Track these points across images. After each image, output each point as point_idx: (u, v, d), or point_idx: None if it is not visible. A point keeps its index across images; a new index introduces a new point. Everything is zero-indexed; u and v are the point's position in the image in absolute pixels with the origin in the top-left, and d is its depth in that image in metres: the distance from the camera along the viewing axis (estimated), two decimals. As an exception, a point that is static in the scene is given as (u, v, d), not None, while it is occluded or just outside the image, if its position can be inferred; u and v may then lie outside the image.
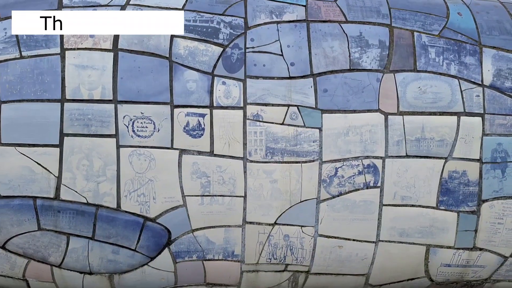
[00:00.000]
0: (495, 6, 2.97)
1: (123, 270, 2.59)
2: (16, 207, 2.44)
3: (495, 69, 2.72)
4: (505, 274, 2.89)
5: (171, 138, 2.47)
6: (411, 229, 2.67)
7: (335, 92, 2.58)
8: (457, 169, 2.65)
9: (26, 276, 2.61)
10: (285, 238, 2.62)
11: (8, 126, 2.41)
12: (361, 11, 2.76)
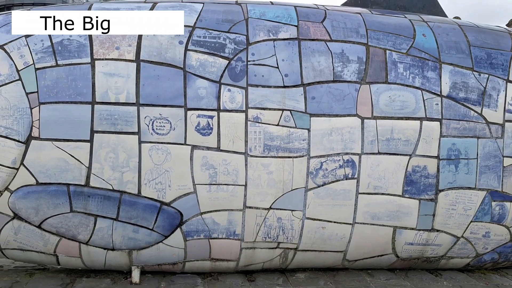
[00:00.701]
0: (453, 28, 3.54)
1: (141, 246, 3.05)
2: (52, 192, 2.86)
3: (451, 82, 3.29)
4: (457, 252, 3.47)
5: (184, 136, 2.94)
6: (381, 213, 3.21)
7: (321, 99, 3.09)
8: (419, 164, 3.22)
9: (57, 252, 3.04)
10: (278, 220, 3.12)
11: (46, 124, 2.83)
12: (343, 31, 3.28)
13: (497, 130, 3.31)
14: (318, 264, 3.42)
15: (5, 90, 2.81)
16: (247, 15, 3.21)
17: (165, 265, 3.18)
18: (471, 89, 3.30)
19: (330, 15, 3.35)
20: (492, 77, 3.35)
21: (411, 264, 3.51)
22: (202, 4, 3.25)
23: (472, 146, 3.26)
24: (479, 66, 3.36)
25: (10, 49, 2.88)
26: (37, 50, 2.89)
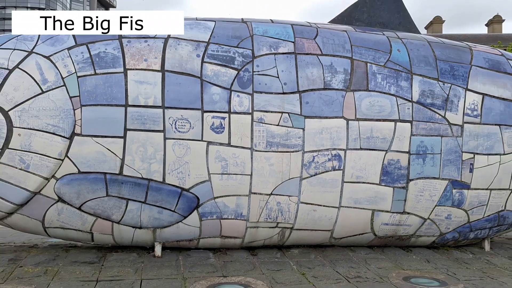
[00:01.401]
0: (423, 44, 4.22)
1: (164, 225, 3.64)
2: (92, 179, 3.43)
3: (420, 90, 3.97)
4: (425, 231, 4.17)
5: (201, 133, 3.53)
6: (362, 199, 3.87)
7: (314, 104, 3.73)
8: (393, 158, 3.89)
9: (93, 230, 3.62)
10: (277, 204, 3.75)
11: (87, 122, 3.40)
12: (332, 47, 3.92)
13: (457, 130, 4.00)
14: (309, 241, 4.07)
15: (52, 94, 3.36)
16: (252, 32, 3.83)
17: (182, 241, 3.79)
18: (437, 96, 3.98)
19: (321, 33, 3.99)
20: (454, 86, 4.04)
21: (387, 241, 4.20)
22: (214, 22, 3.85)
23: (437, 143, 3.95)
24: (443, 77, 4.05)
25: (55, 59, 3.43)
26: (78, 61, 3.45)
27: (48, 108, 3.35)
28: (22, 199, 3.40)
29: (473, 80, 4.12)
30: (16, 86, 3.34)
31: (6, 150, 3.30)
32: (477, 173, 4.05)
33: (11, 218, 3.53)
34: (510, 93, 4.21)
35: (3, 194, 3.37)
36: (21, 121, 3.32)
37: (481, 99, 4.08)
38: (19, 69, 3.38)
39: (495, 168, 4.09)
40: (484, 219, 4.22)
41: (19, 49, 3.47)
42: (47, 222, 3.55)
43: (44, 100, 3.35)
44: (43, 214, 3.49)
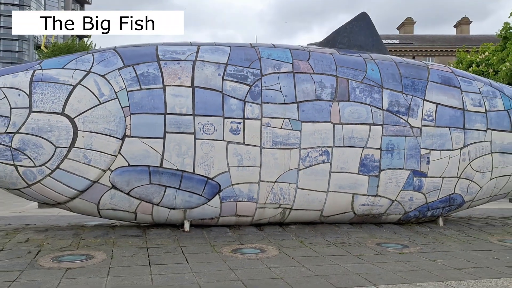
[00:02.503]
0: (391, 64, 5.36)
1: (192, 206, 4.66)
2: (139, 171, 4.41)
3: (389, 101, 5.11)
4: (393, 210, 5.32)
5: (222, 135, 4.56)
6: (345, 185, 4.98)
7: (308, 111, 4.81)
8: (369, 153, 5.01)
9: (137, 211, 4.60)
10: (280, 189, 4.82)
11: (135, 127, 4.37)
12: (321, 67, 5.01)
13: (417, 131, 5.16)
14: (304, 219, 5.16)
15: (108, 105, 4.33)
16: (259, 55, 4.88)
17: (206, 219, 4.81)
18: (401, 105, 5.13)
19: (313, 55, 5.08)
20: (414, 97, 5.20)
21: (364, 219, 5.33)
22: (230, 47, 4.88)
23: (402, 141, 5.10)
24: (406, 90, 5.20)
25: (109, 78, 4.40)
26: (127, 79, 4.43)
27: (105, 116, 4.32)
28: (84, 187, 4.36)
29: (429, 92, 5.29)
30: (79, 98, 4.30)
31: (72, 148, 4.25)
32: (432, 165, 5.23)
33: (72, 202, 4.48)
34: (458, 102, 5.40)
35: (69, 182, 4.32)
36: (84, 126, 4.28)
37: (435, 107, 5.26)
38: (81, 85, 4.34)
39: (446, 160, 5.27)
40: (438, 200, 5.41)
41: (79, 69, 4.41)
42: (101, 205, 4.51)
43: (101, 110, 4.32)
44: (99, 198, 4.46)
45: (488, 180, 5.61)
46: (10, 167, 4.21)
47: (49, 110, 4.23)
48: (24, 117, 4.19)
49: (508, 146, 5.62)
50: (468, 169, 5.41)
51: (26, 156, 4.19)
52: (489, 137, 5.50)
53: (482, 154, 5.47)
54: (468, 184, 5.49)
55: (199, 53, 4.74)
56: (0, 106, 4.17)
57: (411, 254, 4.21)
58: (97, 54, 4.60)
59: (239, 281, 3.17)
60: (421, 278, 3.37)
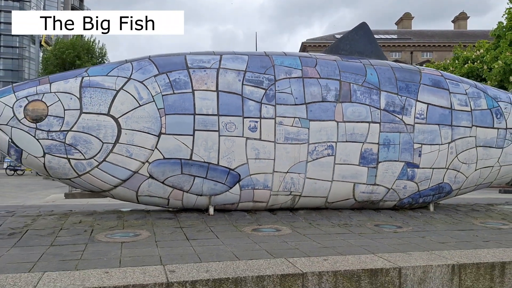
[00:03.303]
0: (388, 69, 6.11)
1: (216, 193, 5.42)
2: (172, 163, 5.17)
3: (386, 101, 5.86)
4: (389, 197, 6.09)
5: (242, 132, 5.31)
6: (347, 175, 5.75)
7: (315, 111, 5.56)
8: (368, 147, 5.77)
9: (169, 197, 5.36)
10: (291, 179, 5.58)
11: (169, 125, 5.12)
12: (327, 72, 5.76)
13: (410, 128, 5.92)
14: (311, 205, 5.92)
15: (146, 107, 5.08)
16: (273, 63, 5.62)
17: (227, 204, 5.58)
18: (396, 105, 5.89)
19: (319, 62, 5.82)
20: (408, 99, 5.96)
21: (363, 205, 6.10)
22: (247, 56, 5.62)
23: (397, 137, 5.86)
24: (401, 92, 5.95)
25: (147, 83, 5.14)
26: (162, 84, 5.17)
27: (144, 116, 5.07)
28: (126, 176, 5.12)
29: (421, 94, 6.05)
30: (122, 101, 5.04)
31: (117, 144, 5.01)
32: (424, 157, 5.99)
33: (115, 190, 5.24)
34: (446, 102, 6.16)
35: (113, 173, 5.07)
36: (126, 124, 5.03)
37: (426, 107, 6.02)
38: (123, 90, 5.08)
39: (436, 153, 6.04)
40: (429, 188, 6.18)
41: (121, 76, 5.16)
42: (140, 192, 5.27)
43: (141, 111, 5.07)
44: (138, 186, 5.22)
45: (473, 170, 6.38)
46: (64, 160, 4.96)
47: (97, 112, 4.97)
48: (76, 117, 4.93)
49: (491, 141, 6.39)
50: (455, 161, 6.18)
51: (78, 150, 4.94)
52: (474, 132, 6.26)
53: (467, 148, 6.24)
54: (455, 174, 6.26)
55: (221, 62, 5.48)
56: (55, 108, 4.92)
57: (404, 232, 4.98)
58: (135, 63, 5.33)
59: (263, 250, 3.93)
60: (411, 249, 4.14)
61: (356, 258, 3.68)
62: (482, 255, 3.91)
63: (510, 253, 4.01)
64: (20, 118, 4.85)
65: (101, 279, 2.98)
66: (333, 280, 3.32)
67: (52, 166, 4.99)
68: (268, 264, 3.42)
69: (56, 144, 4.91)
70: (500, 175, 6.70)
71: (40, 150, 4.91)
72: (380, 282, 3.41)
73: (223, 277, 3.10)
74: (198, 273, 3.15)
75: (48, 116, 4.89)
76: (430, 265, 3.56)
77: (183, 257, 3.60)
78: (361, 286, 3.36)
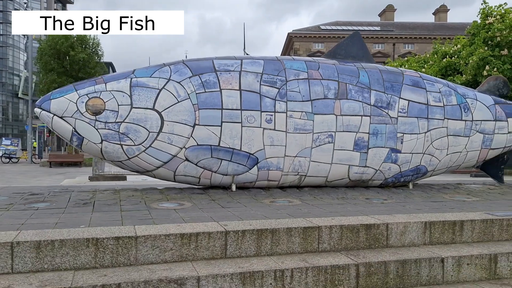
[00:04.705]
0: (376, 72, 7.40)
1: (239, 173, 6.65)
2: (204, 148, 6.37)
3: (375, 98, 7.16)
4: (376, 177, 7.42)
5: (260, 123, 6.53)
6: (344, 158, 7.05)
7: (319, 106, 6.82)
8: (360, 136, 7.07)
9: (200, 176, 6.58)
10: (299, 162, 6.84)
11: (202, 118, 6.31)
12: (327, 74, 7.01)
13: (394, 120, 7.24)
14: (314, 183, 7.21)
15: (183, 103, 6.25)
16: (284, 66, 6.84)
17: (246, 183, 6.82)
18: (383, 102, 7.19)
19: (321, 66, 7.07)
20: (392, 96, 7.26)
21: (356, 183, 7.43)
22: (263, 61, 6.83)
23: (384, 128, 7.17)
24: (387, 91, 7.26)
25: (183, 84, 6.31)
26: (195, 84, 6.34)
27: (182, 110, 6.25)
28: (167, 159, 6.30)
29: (404, 92, 7.36)
30: (164, 98, 6.21)
31: (160, 133, 6.18)
32: (405, 144, 7.33)
33: (157, 171, 6.43)
34: (423, 99, 7.48)
35: (157, 156, 6.25)
36: (168, 117, 6.20)
37: (407, 103, 7.34)
38: (165, 89, 6.24)
39: (414, 141, 7.38)
40: (409, 170, 7.54)
41: (162, 77, 6.31)
42: (177, 172, 6.47)
43: (179, 106, 6.24)
44: (176, 168, 6.41)
45: (444, 155, 7.76)
46: (118, 146, 6.12)
47: (144, 107, 6.13)
48: (128, 111, 6.08)
49: (459, 131, 7.77)
50: (430, 147, 7.54)
51: (129, 138, 6.10)
52: (446, 124, 7.62)
53: (440, 136, 7.60)
54: (430, 158, 7.62)
55: (242, 65, 6.67)
56: (111, 103, 6.05)
57: (389, 203, 6.31)
58: (172, 67, 6.48)
59: (285, 213, 5.20)
60: (394, 212, 5.45)
61: (355, 217, 4.98)
62: (447, 216, 5.26)
63: (468, 215, 5.37)
64: (83, 112, 5.98)
65: (178, 229, 4.20)
66: (340, 231, 4.60)
67: (107, 150, 6.14)
68: (292, 221, 4.69)
69: (112, 133, 6.05)
70: (466, 159, 8.11)
71: (99, 137, 6.05)
72: (373, 233, 4.72)
73: (263, 228, 4.35)
74: (245, 226, 4.40)
75: (106, 110, 6.02)
76: (409, 222, 4.87)
77: (228, 218, 4.83)
78: (359, 236, 4.66)
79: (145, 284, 3.53)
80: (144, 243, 3.93)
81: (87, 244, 3.77)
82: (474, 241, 5.05)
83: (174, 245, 4.01)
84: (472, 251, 4.70)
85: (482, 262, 4.59)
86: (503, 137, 8.21)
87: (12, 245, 3.60)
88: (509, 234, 5.19)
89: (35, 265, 3.64)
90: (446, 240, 4.96)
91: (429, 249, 4.71)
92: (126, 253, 3.87)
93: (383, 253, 4.50)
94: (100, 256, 3.80)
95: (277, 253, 4.34)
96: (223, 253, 4.16)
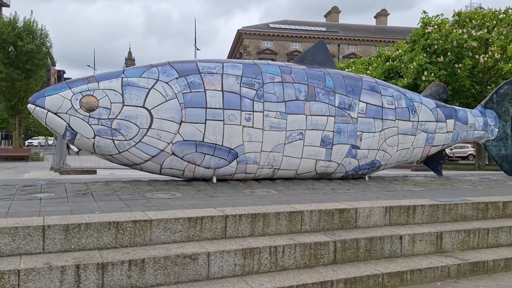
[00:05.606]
0: (340, 77, 8.34)
1: (220, 167, 7.30)
2: (189, 143, 6.95)
3: (339, 101, 8.09)
4: (339, 170, 8.38)
5: (240, 122, 7.22)
6: (312, 154, 7.92)
7: (291, 107, 7.62)
8: (326, 134, 7.99)
9: (184, 170, 7.15)
10: (273, 156, 7.61)
11: (187, 115, 6.89)
12: (298, 78, 7.83)
13: (355, 120, 8.22)
14: (286, 176, 8.02)
15: (171, 101, 6.78)
16: (261, 70, 7.58)
17: (226, 175, 7.49)
18: (346, 104, 8.15)
19: (293, 71, 7.88)
20: (353, 99, 8.25)
21: (321, 176, 8.34)
22: (242, 65, 7.52)
23: (346, 127, 8.13)
24: (349, 94, 8.22)
25: (171, 84, 6.84)
26: (182, 85, 6.90)
27: (169, 109, 6.79)
28: (155, 153, 6.82)
29: (363, 95, 8.37)
30: (153, 97, 6.71)
31: (150, 129, 6.69)
32: (363, 142, 8.34)
33: (145, 164, 6.92)
34: (378, 102, 8.54)
35: (146, 151, 6.75)
36: (157, 114, 6.71)
37: (366, 105, 8.36)
38: (154, 89, 6.75)
39: (371, 139, 8.42)
40: (366, 164, 8.58)
41: (151, 78, 6.80)
42: (164, 166, 7.00)
43: (167, 105, 6.77)
44: (162, 161, 6.94)
45: (395, 151, 8.90)
46: (109, 141, 6.55)
47: (135, 105, 6.61)
48: (119, 108, 6.53)
49: (407, 130, 8.93)
50: (383, 145, 8.63)
51: (120, 133, 6.56)
52: (397, 124, 8.74)
53: (392, 135, 8.71)
54: (383, 154, 8.72)
55: (224, 68, 7.32)
56: (104, 101, 6.47)
57: (352, 193, 7.26)
58: (160, 68, 6.99)
59: (269, 201, 5.95)
60: (359, 200, 6.39)
61: (329, 203, 5.84)
62: (402, 202, 6.28)
63: (418, 201, 6.43)
64: (77, 108, 6.35)
65: (184, 214, 4.81)
66: (318, 215, 5.43)
67: (99, 145, 6.55)
68: (279, 207, 5.45)
69: (105, 128, 6.47)
70: (413, 155, 9.32)
71: (92, 133, 6.45)
72: (345, 216, 5.60)
73: (256, 213, 5.07)
74: (240, 211, 5.09)
75: (99, 107, 6.43)
76: (373, 206, 5.81)
77: (222, 205, 5.50)
78: (334, 218, 5.52)
79: (165, 259, 4.14)
80: (158, 226, 4.51)
81: (109, 227, 4.30)
82: (424, 222, 6.10)
83: (183, 227, 4.64)
84: (423, 230, 5.72)
85: (431, 239, 5.62)
86: (442, 136, 9.51)
87: (44, 228, 4.05)
88: (451, 216, 6.31)
89: (63, 245, 4.12)
90: (402, 222, 5.96)
91: (389, 229, 5.67)
92: (142, 235, 4.44)
93: (354, 232, 5.40)
94: (119, 237, 4.34)
95: (268, 234, 5.09)
96: (223, 234, 4.84)
